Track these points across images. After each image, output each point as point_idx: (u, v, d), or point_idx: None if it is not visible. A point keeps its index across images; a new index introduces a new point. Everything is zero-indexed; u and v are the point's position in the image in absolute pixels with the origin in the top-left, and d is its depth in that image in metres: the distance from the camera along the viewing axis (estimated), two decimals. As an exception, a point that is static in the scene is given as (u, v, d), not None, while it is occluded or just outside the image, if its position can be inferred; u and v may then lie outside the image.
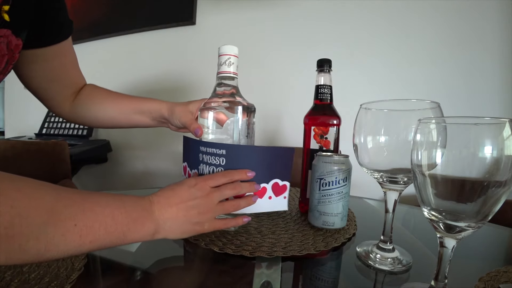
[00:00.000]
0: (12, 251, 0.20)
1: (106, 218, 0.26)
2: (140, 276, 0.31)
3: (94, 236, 0.25)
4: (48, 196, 0.23)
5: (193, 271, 0.34)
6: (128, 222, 0.28)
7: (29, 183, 0.23)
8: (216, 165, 0.38)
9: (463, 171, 0.22)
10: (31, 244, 0.21)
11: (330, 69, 0.50)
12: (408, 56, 1.01)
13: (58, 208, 0.23)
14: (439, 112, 0.31)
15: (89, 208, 0.25)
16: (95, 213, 0.25)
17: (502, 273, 0.31)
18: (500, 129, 0.21)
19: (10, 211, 0.20)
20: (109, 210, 0.27)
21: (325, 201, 0.42)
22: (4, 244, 0.19)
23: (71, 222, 0.23)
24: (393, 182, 0.34)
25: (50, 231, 0.22)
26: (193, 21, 1.29)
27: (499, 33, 0.92)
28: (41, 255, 0.22)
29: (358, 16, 1.06)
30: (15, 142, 0.95)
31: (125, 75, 1.48)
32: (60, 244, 0.23)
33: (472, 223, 0.22)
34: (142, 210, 0.30)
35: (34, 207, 0.21)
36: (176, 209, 0.32)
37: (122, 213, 0.28)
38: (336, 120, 0.49)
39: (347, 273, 0.34)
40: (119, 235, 0.27)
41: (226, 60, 0.40)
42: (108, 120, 0.54)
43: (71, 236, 0.23)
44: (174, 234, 0.32)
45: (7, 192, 0.20)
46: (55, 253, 0.23)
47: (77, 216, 0.24)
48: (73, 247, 0.24)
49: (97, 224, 0.25)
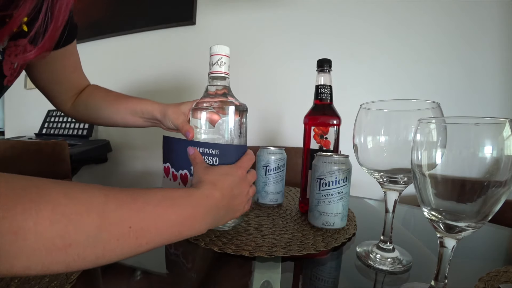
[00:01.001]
0: (72, 261, 0.19)
1: (159, 219, 0.25)
2: (140, 276, 0.31)
3: (150, 237, 0.24)
4: (97, 199, 0.22)
5: (193, 271, 0.34)
6: (181, 221, 0.27)
7: (74, 186, 0.22)
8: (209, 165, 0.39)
9: (463, 171, 0.22)
10: (88, 252, 0.20)
11: (330, 69, 0.50)
12: (408, 56, 1.01)
13: (109, 210, 0.22)
14: (439, 112, 0.31)
15: (141, 209, 0.24)
16: (148, 213, 0.25)
17: (502, 273, 0.31)
18: (500, 129, 0.21)
19: (62, 219, 0.19)
20: (160, 210, 0.26)
21: (325, 201, 0.42)
22: (63, 255, 0.19)
23: (125, 225, 0.22)
24: (393, 182, 0.34)
25: (104, 236, 0.21)
26: (193, 21, 1.29)
27: (499, 33, 0.92)
28: (100, 260, 0.21)
29: (358, 16, 1.06)
30: (15, 142, 0.95)
31: (125, 75, 1.48)
32: (117, 248, 0.22)
33: (472, 223, 0.22)
34: (196, 207, 0.29)
35: (85, 212, 0.20)
36: (227, 202, 0.33)
37: (176, 212, 0.27)
38: (336, 120, 0.49)
39: (347, 273, 0.34)
40: (175, 233, 0.27)
41: (218, 60, 0.41)
42: (106, 119, 0.55)
43: (126, 239, 0.22)
44: (221, 223, 0.34)
45: (56, 198, 0.19)
46: (114, 257, 0.22)
47: (131, 218, 0.23)
48: (130, 249, 0.23)
49: (152, 226, 0.24)
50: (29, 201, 0.18)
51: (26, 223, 0.17)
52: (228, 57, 0.41)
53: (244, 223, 0.46)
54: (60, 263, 0.19)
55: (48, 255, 0.18)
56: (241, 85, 1.11)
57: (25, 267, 0.17)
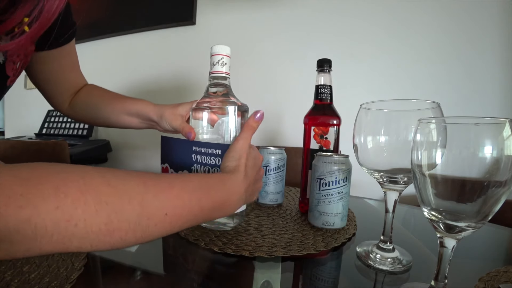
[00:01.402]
0: (115, 243, 0.22)
1: (194, 206, 0.27)
2: (140, 276, 0.31)
3: (183, 222, 0.26)
4: (137, 187, 0.24)
5: (193, 271, 0.34)
6: (213, 207, 0.29)
7: (116, 174, 0.24)
8: (211, 165, 0.38)
9: (463, 171, 0.22)
10: (130, 235, 0.22)
11: (330, 69, 0.50)
12: (408, 56, 1.01)
13: (148, 198, 0.24)
14: (439, 112, 0.31)
15: (177, 195, 0.26)
16: (183, 200, 0.26)
17: (502, 273, 0.31)
18: (500, 129, 0.21)
19: (106, 208, 0.21)
20: (196, 197, 0.27)
21: (325, 201, 0.42)
22: (108, 237, 0.21)
23: (161, 212, 0.24)
24: (393, 182, 0.34)
25: (144, 223, 0.23)
26: (193, 21, 1.29)
27: (499, 33, 0.92)
28: (139, 241, 0.23)
29: (358, 16, 1.06)
30: (15, 142, 0.95)
31: (125, 75, 1.48)
32: (154, 232, 0.24)
33: (472, 223, 0.22)
34: (229, 195, 0.32)
35: (127, 201, 0.22)
36: (251, 189, 0.36)
37: (208, 200, 0.29)
38: (336, 120, 0.49)
39: (347, 273, 0.34)
40: (204, 217, 0.29)
41: (219, 60, 0.40)
42: (102, 119, 0.55)
43: (162, 224, 0.24)
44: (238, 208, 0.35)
45: (99, 188, 0.21)
46: (151, 238, 0.24)
47: (167, 205, 0.25)
48: (165, 231, 0.25)
49: (186, 212, 0.26)
50: (78, 191, 0.20)
51: (76, 211, 0.19)
52: (229, 57, 0.41)
53: (244, 223, 0.46)
54: (106, 243, 0.21)
55: (95, 238, 0.20)
56: (241, 85, 1.11)
57: (78, 247, 0.20)
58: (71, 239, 0.19)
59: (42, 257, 0.31)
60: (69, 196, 0.19)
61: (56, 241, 0.19)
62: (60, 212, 0.19)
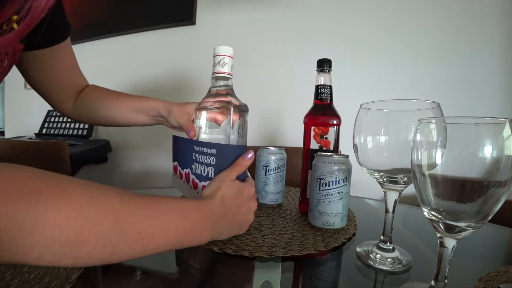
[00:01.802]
0: (80, 257, 0.20)
1: (168, 227, 0.27)
2: (140, 276, 0.31)
3: (155, 244, 0.25)
4: (114, 202, 0.23)
5: (193, 271, 0.34)
6: (188, 231, 0.29)
7: (95, 187, 0.23)
8: (207, 164, 0.39)
9: (463, 171, 0.22)
10: (97, 251, 0.21)
11: (330, 69, 0.50)
12: (408, 56, 1.01)
13: (123, 215, 0.23)
14: (439, 112, 0.31)
15: (153, 216, 0.25)
16: (158, 220, 0.26)
17: (502, 273, 0.31)
18: (500, 129, 0.21)
19: (79, 217, 0.20)
20: (170, 218, 0.27)
21: (325, 201, 0.42)
22: (74, 251, 0.20)
23: (134, 230, 0.23)
24: (393, 182, 0.34)
25: (115, 239, 0.22)
26: (193, 21, 1.29)
27: (499, 33, 0.92)
28: (105, 260, 0.22)
29: (358, 16, 1.06)
30: (15, 142, 0.95)
31: (125, 75, 1.48)
32: (124, 251, 0.23)
33: (472, 223, 0.22)
34: (203, 220, 0.31)
35: (102, 214, 0.21)
36: (232, 219, 0.35)
37: (184, 222, 0.28)
38: (336, 120, 0.49)
39: (347, 273, 0.34)
40: (178, 242, 0.28)
41: (221, 61, 0.41)
42: (108, 118, 0.55)
43: (134, 243, 0.23)
44: (222, 237, 0.36)
45: (76, 196, 0.20)
46: (118, 258, 0.23)
47: (141, 223, 0.24)
48: (135, 254, 0.24)
49: (159, 232, 0.25)
50: (52, 197, 0.19)
51: (46, 216, 0.18)
52: (232, 58, 0.41)
53: (244, 223, 0.46)
54: (70, 257, 0.20)
55: (60, 249, 0.19)
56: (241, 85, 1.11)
57: (38, 257, 0.18)
58: (33, 246, 0.18)
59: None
60: (42, 199, 0.18)
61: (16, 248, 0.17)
62: (28, 214, 0.17)
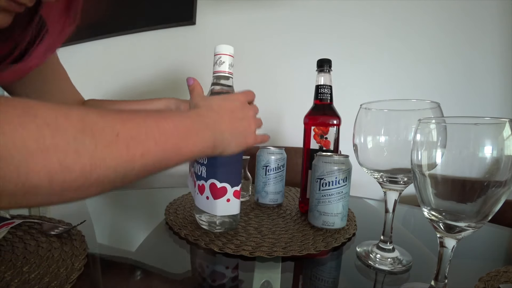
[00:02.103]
0: (53, 170, 0.17)
1: (152, 129, 0.23)
2: (140, 276, 0.31)
3: (144, 148, 0.22)
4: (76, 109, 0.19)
5: (193, 271, 0.34)
6: (179, 134, 0.25)
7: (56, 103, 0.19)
8: (201, 163, 0.39)
9: (463, 171, 0.22)
10: (71, 158, 0.18)
11: (330, 69, 0.50)
12: (408, 56, 1.01)
13: (90, 117, 0.19)
14: (439, 112, 0.31)
15: (129, 118, 0.22)
16: (136, 123, 0.22)
17: (502, 273, 0.31)
18: (500, 129, 0.21)
19: (35, 120, 0.17)
20: (152, 120, 0.23)
21: (325, 201, 0.42)
22: (41, 159, 0.16)
23: (110, 131, 0.20)
24: (393, 182, 0.34)
25: (88, 142, 0.19)
26: (193, 21, 1.29)
27: (499, 33, 0.92)
28: (88, 173, 0.19)
29: (358, 16, 1.06)
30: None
31: (125, 75, 1.48)
32: (107, 157, 0.19)
33: (472, 223, 0.22)
34: (194, 123, 0.28)
35: (63, 116, 0.18)
36: (229, 123, 0.31)
37: (169, 124, 0.25)
38: (336, 120, 0.49)
39: (347, 273, 0.34)
40: (173, 147, 0.25)
41: (222, 60, 0.40)
42: None
43: (116, 147, 0.20)
44: (230, 147, 0.32)
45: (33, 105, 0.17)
46: (105, 169, 0.19)
47: (117, 125, 0.21)
48: (123, 161, 0.20)
49: (143, 135, 0.22)
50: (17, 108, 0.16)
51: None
52: (232, 57, 0.41)
53: (244, 223, 0.46)
54: (39, 171, 0.16)
55: (23, 159, 0.16)
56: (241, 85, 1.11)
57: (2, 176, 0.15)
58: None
59: (42, 257, 0.31)
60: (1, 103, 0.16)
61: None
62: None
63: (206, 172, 0.38)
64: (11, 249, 0.33)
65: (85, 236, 0.37)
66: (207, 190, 0.39)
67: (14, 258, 0.31)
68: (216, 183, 0.38)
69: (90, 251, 0.34)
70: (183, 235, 0.40)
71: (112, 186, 0.22)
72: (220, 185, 0.38)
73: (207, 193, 0.39)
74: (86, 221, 0.42)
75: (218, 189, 0.38)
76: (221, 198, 0.38)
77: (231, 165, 0.39)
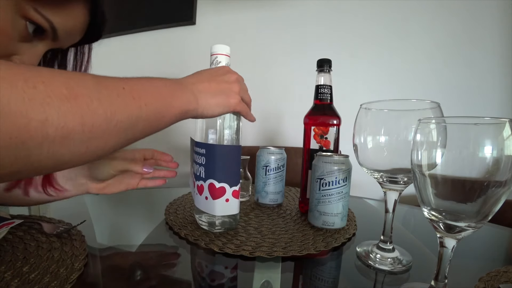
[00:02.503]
0: (84, 113, 0.20)
1: (147, 86, 0.27)
2: (140, 276, 0.31)
3: (146, 99, 0.26)
4: (88, 75, 0.24)
5: (193, 271, 0.34)
6: (168, 90, 0.30)
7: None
8: (199, 164, 0.39)
9: (463, 171, 0.22)
10: (95, 104, 0.21)
11: (330, 69, 0.50)
12: (408, 56, 1.01)
13: (99, 76, 0.23)
14: (439, 112, 0.31)
15: (127, 78, 0.26)
16: (135, 80, 0.26)
17: (502, 273, 0.31)
18: (500, 129, 0.21)
19: (62, 75, 0.20)
20: (145, 80, 0.28)
21: (325, 201, 0.42)
22: (74, 104, 0.19)
23: (118, 85, 0.24)
24: (393, 182, 0.34)
25: (104, 91, 0.22)
26: (193, 21, 1.29)
27: (499, 33, 0.92)
28: (109, 119, 0.22)
29: (358, 16, 1.06)
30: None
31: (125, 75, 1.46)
32: (120, 105, 0.23)
33: (472, 223, 0.22)
34: (176, 84, 0.32)
35: (80, 73, 0.22)
36: (208, 83, 0.35)
37: (159, 82, 0.29)
38: (336, 120, 0.49)
39: (347, 273, 0.34)
40: (166, 100, 0.29)
41: (218, 60, 0.40)
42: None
43: (125, 97, 0.24)
44: (210, 106, 0.34)
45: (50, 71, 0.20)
46: (120, 115, 0.23)
47: (120, 82, 0.25)
48: (133, 109, 0.24)
49: (142, 89, 0.26)
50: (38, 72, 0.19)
51: (31, 73, 0.18)
52: (229, 57, 0.41)
53: (244, 223, 0.46)
54: (74, 114, 0.19)
55: (61, 104, 0.19)
56: (241, 85, 1.11)
57: (43, 120, 0.17)
58: (33, 106, 0.17)
59: (42, 257, 0.31)
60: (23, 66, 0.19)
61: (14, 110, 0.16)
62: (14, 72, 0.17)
63: (204, 172, 0.38)
64: (11, 249, 0.33)
65: (85, 236, 0.37)
66: (206, 190, 0.39)
67: (14, 258, 0.31)
68: (215, 183, 0.38)
69: (90, 251, 0.34)
70: (183, 235, 0.40)
71: (126, 136, 0.25)
72: (218, 185, 0.38)
73: (206, 193, 0.39)
74: (86, 221, 0.42)
75: (217, 189, 0.38)
76: (220, 198, 0.38)
77: (229, 164, 0.38)
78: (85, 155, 0.22)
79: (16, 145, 0.17)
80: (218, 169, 0.38)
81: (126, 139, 0.25)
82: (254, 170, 0.58)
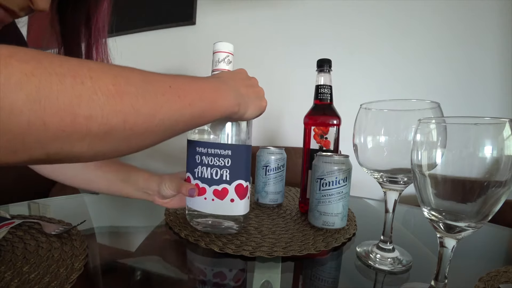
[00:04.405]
0: (127, 111, 0.20)
1: (193, 84, 0.27)
2: (140, 276, 0.31)
3: (191, 98, 0.26)
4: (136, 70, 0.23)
5: (193, 271, 0.34)
6: (212, 89, 0.29)
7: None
8: (220, 166, 0.37)
9: (463, 171, 0.22)
10: (140, 103, 0.21)
11: (330, 69, 0.50)
12: (408, 56, 1.01)
13: (146, 72, 0.23)
14: (439, 112, 0.31)
15: (175, 76, 0.26)
16: (182, 78, 0.26)
17: (502, 273, 0.31)
18: (500, 129, 0.21)
19: (110, 72, 0.20)
20: (190, 78, 0.28)
21: (325, 201, 0.42)
22: (119, 101, 0.19)
23: (165, 83, 0.24)
24: (393, 182, 0.34)
25: (150, 89, 0.22)
26: (193, 21, 1.29)
27: (498, 33, 0.92)
28: (152, 117, 0.22)
29: (357, 16, 1.06)
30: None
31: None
32: (164, 104, 0.23)
33: (472, 223, 0.22)
34: (219, 83, 0.31)
35: (128, 69, 0.22)
36: (243, 86, 0.35)
37: (204, 81, 0.29)
38: (336, 120, 0.49)
39: (347, 273, 0.34)
40: (211, 100, 0.28)
41: (222, 58, 0.40)
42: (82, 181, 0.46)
43: (170, 96, 0.24)
44: (250, 109, 0.35)
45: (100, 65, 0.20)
46: (163, 114, 0.23)
47: (168, 80, 0.24)
48: (176, 109, 0.24)
49: (188, 88, 0.26)
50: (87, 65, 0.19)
51: (80, 68, 0.18)
52: (232, 55, 0.41)
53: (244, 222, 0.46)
54: (117, 112, 0.19)
55: (106, 101, 0.19)
56: (241, 85, 1.11)
57: (88, 116, 0.18)
58: (79, 102, 0.17)
59: (42, 257, 0.31)
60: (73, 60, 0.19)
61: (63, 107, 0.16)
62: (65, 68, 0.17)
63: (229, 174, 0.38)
64: (11, 249, 0.33)
65: (85, 236, 0.37)
66: (232, 192, 0.38)
67: (14, 258, 0.31)
68: (243, 183, 0.38)
69: (90, 251, 0.34)
70: (183, 235, 0.40)
71: (165, 134, 0.25)
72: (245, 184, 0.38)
73: (231, 195, 0.38)
74: (86, 221, 0.42)
75: (244, 189, 0.38)
76: (246, 196, 0.38)
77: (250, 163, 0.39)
78: (123, 150, 0.23)
79: (63, 138, 0.18)
80: (246, 169, 0.38)
81: (164, 137, 0.25)
82: (254, 170, 0.58)
